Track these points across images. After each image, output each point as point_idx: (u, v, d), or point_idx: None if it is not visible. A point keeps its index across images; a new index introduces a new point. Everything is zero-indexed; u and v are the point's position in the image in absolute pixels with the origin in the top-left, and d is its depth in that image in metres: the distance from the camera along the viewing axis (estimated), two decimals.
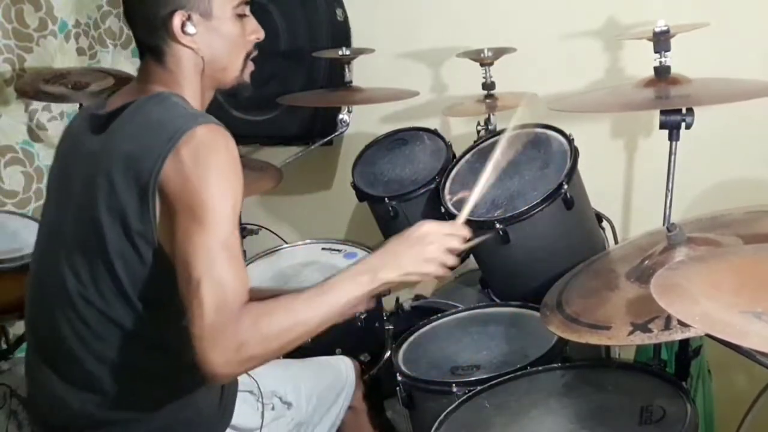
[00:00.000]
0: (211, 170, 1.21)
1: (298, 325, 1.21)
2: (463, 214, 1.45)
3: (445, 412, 1.46)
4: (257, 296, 1.22)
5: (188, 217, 1.18)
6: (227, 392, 1.44)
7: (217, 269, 1.16)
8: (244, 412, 1.46)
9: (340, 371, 1.72)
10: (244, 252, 2.45)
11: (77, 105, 2.34)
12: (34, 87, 2.23)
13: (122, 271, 1.26)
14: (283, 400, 1.54)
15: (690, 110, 1.64)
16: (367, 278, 1.28)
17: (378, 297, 2.04)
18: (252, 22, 1.41)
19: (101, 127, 1.33)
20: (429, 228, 1.34)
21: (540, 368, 1.55)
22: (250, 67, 1.44)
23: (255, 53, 1.44)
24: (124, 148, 1.26)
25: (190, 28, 1.32)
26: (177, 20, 1.31)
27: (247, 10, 1.40)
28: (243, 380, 1.48)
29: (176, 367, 1.30)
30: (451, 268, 1.37)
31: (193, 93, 1.37)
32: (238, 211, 1.23)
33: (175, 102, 1.32)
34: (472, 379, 1.57)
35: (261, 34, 1.43)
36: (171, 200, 1.21)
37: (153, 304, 1.29)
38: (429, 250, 1.32)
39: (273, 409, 1.52)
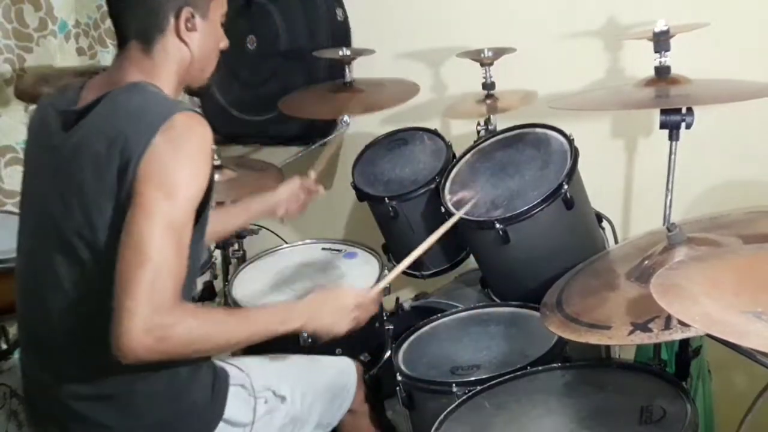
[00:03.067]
0: (182, 154, 1.26)
1: (216, 339, 1.30)
2: (382, 284, 1.68)
3: (445, 412, 1.46)
4: None
5: (150, 192, 1.23)
6: (218, 385, 1.45)
7: (164, 249, 1.20)
8: (236, 405, 1.46)
9: (340, 372, 1.72)
10: (244, 252, 2.47)
11: None
12: (34, 87, 2.23)
13: (111, 253, 1.26)
14: (276, 393, 1.54)
15: (690, 110, 1.64)
16: (285, 318, 1.42)
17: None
18: (222, 31, 1.50)
19: (73, 122, 1.35)
20: (350, 294, 1.54)
21: (540, 368, 1.55)
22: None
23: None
24: (106, 133, 1.29)
25: (192, 25, 1.39)
26: (184, 15, 1.37)
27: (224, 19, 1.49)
28: (234, 374, 1.50)
29: None
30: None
31: (169, 86, 1.41)
32: (198, 197, 1.28)
33: (153, 91, 1.36)
34: (472, 379, 1.57)
35: (226, 44, 1.52)
36: (142, 179, 1.24)
37: None
38: (347, 315, 1.51)
39: (266, 402, 1.52)
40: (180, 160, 1.26)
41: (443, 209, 1.88)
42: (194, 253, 1.33)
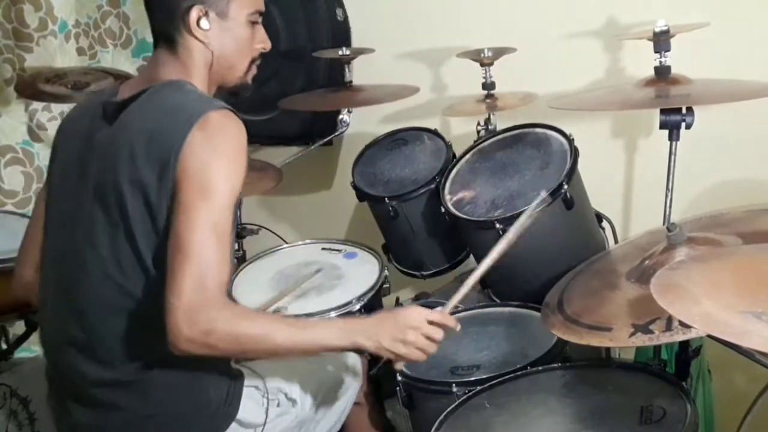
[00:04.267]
0: (219, 153, 1.31)
1: (268, 343, 1.29)
2: (451, 304, 1.46)
3: (445, 412, 1.46)
4: None
5: (191, 193, 1.27)
6: (233, 385, 1.46)
7: (205, 248, 1.24)
8: (249, 407, 1.47)
9: (347, 368, 1.72)
10: (245, 252, 2.47)
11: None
12: (34, 87, 2.23)
13: (142, 242, 1.32)
14: (288, 396, 1.55)
15: (690, 110, 1.64)
16: (344, 335, 1.35)
17: (378, 298, 2.04)
18: (261, 32, 1.52)
19: (114, 114, 1.40)
20: (416, 313, 1.39)
21: (540, 368, 1.55)
22: (254, 70, 1.54)
23: (259, 61, 1.54)
24: (144, 127, 1.34)
25: (204, 24, 1.41)
26: (194, 14, 1.40)
27: (259, 19, 1.50)
28: (248, 375, 1.50)
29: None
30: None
31: (202, 84, 1.45)
32: (236, 195, 1.31)
33: (190, 89, 1.41)
34: (472, 379, 1.57)
35: (268, 45, 1.54)
36: (182, 177, 1.28)
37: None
38: (409, 334, 1.36)
39: (278, 405, 1.53)
40: (217, 159, 1.30)
41: (443, 209, 1.88)
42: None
